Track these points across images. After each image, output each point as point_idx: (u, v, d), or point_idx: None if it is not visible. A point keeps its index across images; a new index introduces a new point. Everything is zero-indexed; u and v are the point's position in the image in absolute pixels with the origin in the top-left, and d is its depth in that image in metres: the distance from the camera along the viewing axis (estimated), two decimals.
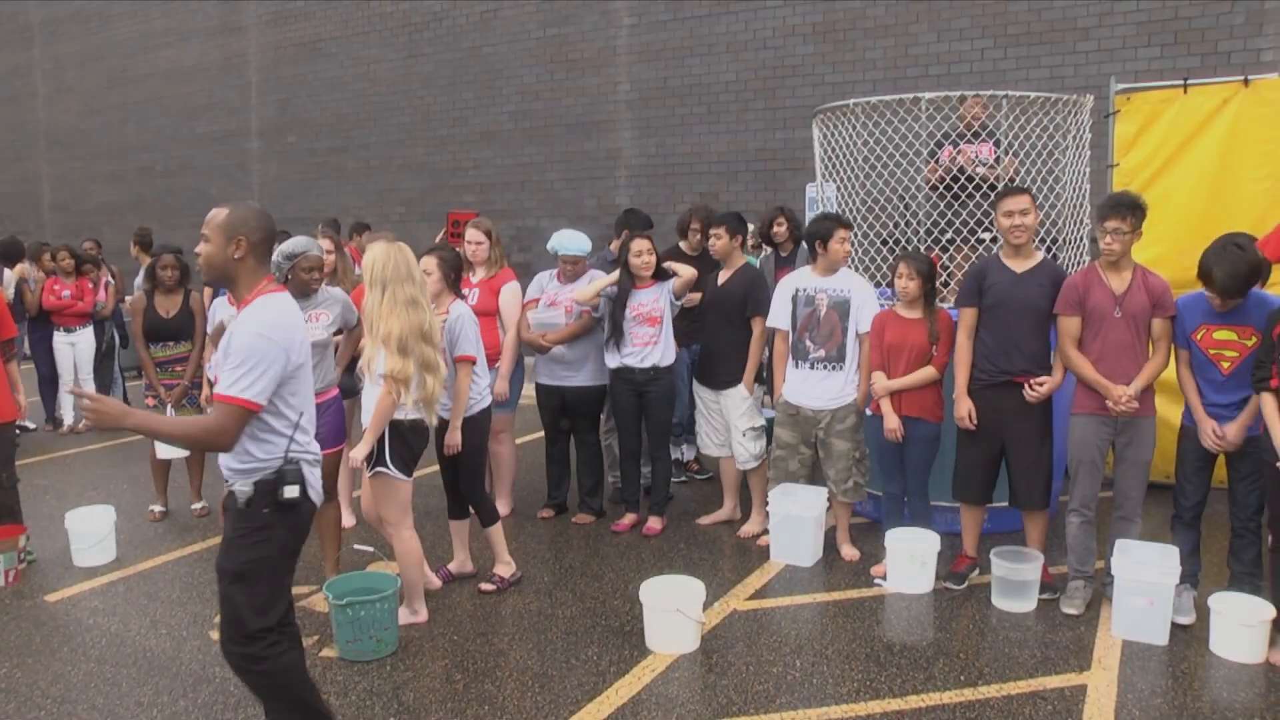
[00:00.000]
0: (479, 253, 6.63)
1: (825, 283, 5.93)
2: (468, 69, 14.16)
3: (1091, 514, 5.18)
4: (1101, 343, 5.01)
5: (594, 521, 6.75)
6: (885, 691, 4.34)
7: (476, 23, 13.99)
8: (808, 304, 5.94)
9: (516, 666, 4.63)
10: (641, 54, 12.75)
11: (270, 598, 3.43)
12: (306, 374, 3.47)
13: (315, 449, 3.55)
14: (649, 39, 12.66)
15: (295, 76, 16.08)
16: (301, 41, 15.93)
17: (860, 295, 5.87)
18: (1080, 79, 9.82)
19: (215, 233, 3.35)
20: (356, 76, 15.32)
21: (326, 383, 5.41)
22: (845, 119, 6.75)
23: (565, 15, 13.24)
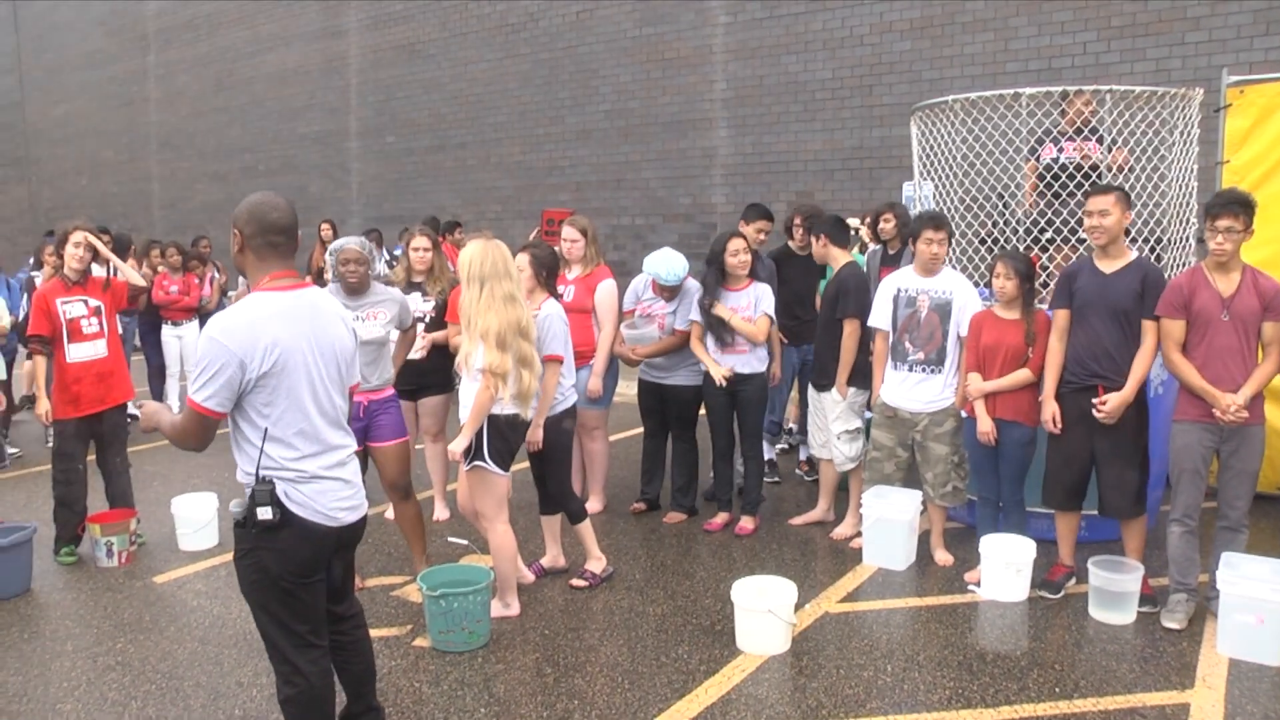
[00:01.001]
0: (574, 250, 6.69)
1: (928, 284, 5.84)
2: (563, 68, 14.27)
3: (1194, 524, 5.00)
4: (1207, 347, 4.86)
5: (686, 520, 6.75)
6: (977, 701, 4.28)
7: (572, 22, 14.10)
8: (909, 305, 5.86)
9: (606, 662, 4.67)
10: (737, 52, 12.71)
11: (290, 618, 3.33)
12: (295, 380, 3.24)
13: (313, 465, 3.30)
14: (744, 37, 12.62)
15: (394, 78, 16.40)
16: (400, 44, 16.24)
17: (963, 298, 5.77)
18: (1189, 71, 9.51)
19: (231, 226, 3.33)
20: (454, 77, 15.56)
21: (382, 380, 5.52)
22: (943, 116, 6.65)
23: (661, 14, 13.27)
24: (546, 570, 5.79)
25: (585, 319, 6.58)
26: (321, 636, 3.44)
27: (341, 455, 3.42)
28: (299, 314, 3.28)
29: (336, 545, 3.43)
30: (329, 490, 3.33)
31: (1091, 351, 5.18)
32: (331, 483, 3.34)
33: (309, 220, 17.33)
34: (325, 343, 3.34)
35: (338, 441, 3.40)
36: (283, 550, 3.25)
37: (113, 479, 6.42)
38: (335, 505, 3.35)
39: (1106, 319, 5.14)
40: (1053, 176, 6.34)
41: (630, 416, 7.11)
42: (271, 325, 3.18)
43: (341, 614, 3.67)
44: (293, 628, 3.34)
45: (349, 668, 3.75)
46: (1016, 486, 5.60)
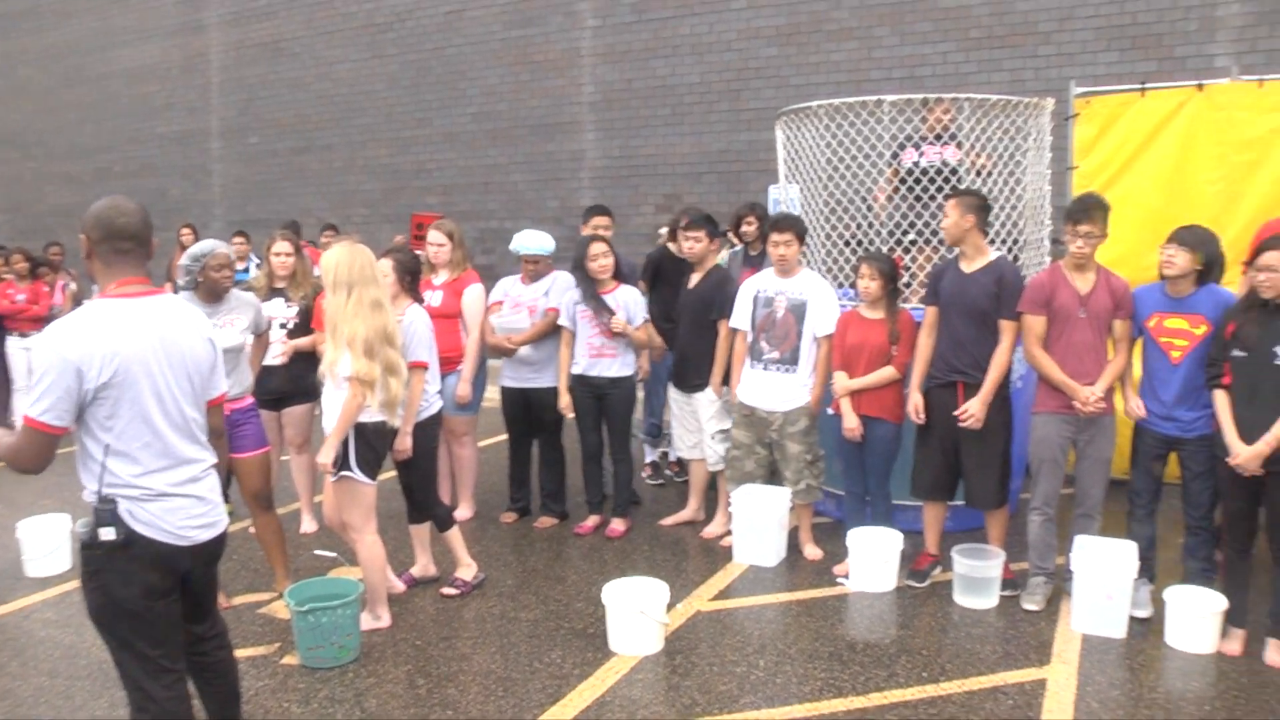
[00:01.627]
0: (441, 255, 6.58)
1: (785, 284, 5.95)
2: (431, 70, 14.11)
3: (1053, 511, 5.24)
4: (1066, 343, 5.07)
5: (557, 525, 6.72)
6: (848, 690, 4.36)
7: (440, 24, 13.95)
8: (766, 305, 5.96)
9: (480, 670, 4.61)
10: (605, 55, 12.75)
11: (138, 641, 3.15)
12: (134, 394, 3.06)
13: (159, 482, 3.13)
14: (613, 41, 12.67)
15: (257, 76, 15.96)
16: (263, 41, 15.81)
17: (818, 298, 5.88)
18: (1041, 82, 9.92)
19: None
20: (319, 77, 15.23)
21: (242, 389, 5.33)
22: (808, 121, 6.77)
23: (529, 17, 13.22)
24: (417, 580, 5.69)
25: (453, 324, 6.47)
26: (176, 661, 3.26)
27: (195, 470, 3.24)
28: (144, 322, 3.11)
29: (190, 565, 3.25)
30: (180, 508, 3.16)
31: (952, 348, 5.35)
32: (183, 500, 3.17)
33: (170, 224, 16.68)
34: (175, 352, 3.17)
35: (191, 455, 3.23)
36: (129, 572, 3.08)
37: None
38: (186, 524, 3.17)
39: (965, 317, 5.31)
40: (914, 180, 6.52)
41: (498, 422, 7.02)
42: (111, 334, 3.02)
43: (203, 634, 3.49)
44: (144, 652, 3.15)
45: (212, 690, 3.58)
46: (883, 481, 5.74)
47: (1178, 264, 4.86)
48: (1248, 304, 4.58)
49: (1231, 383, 4.57)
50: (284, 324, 6.27)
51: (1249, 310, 4.55)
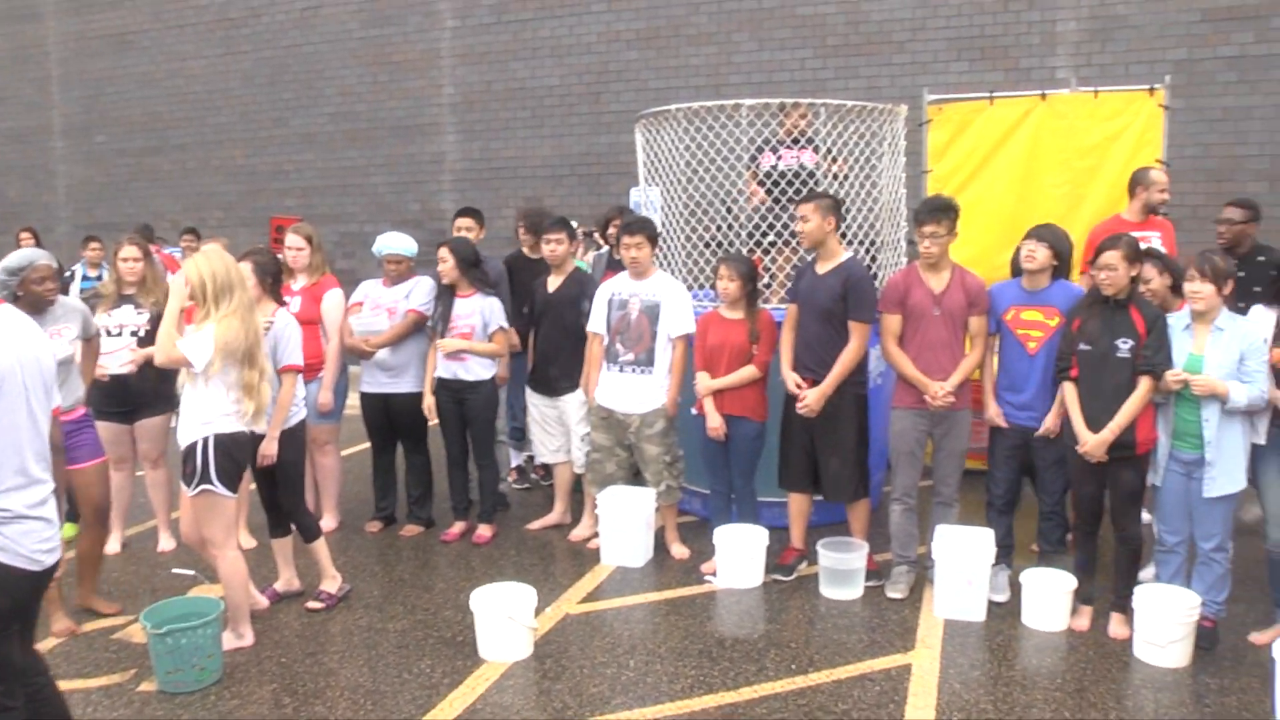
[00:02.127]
0: (299, 259, 6.41)
1: (638, 287, 5.97)
2: (287, 68, 13.74)
3: (913, 502, 5.39)
4: (920, 340, 5.22)
5: (423, 532, 6.59)
6: (719, 685, 4.39)
7: (296, 20, 13.59)
8: (620, 307, 5.98)
9: (348, 685, 4.49)
10: (465, 56, 12.63)
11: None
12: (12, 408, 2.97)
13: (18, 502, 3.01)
14: (472, 42, 12.56)
15: (102, 70, 15.24)
16: (108, 33, 15.11)
17: (671, 300, 5.91)
18: (896, 89, 10.22)
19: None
20: (170, 73, 14.64)
21: (75, 400, 5.11)
22: (668, 124, 6.82)
23: (387, 15, 13.00)
24: (281, 595, 5.51)
25: (313, 330, 6.29)
26: (15, 697, 3.09)
27: (44, 491, 3.09)
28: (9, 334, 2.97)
29: (35, 590, 3.09)
30: (33, 530, 3.02)
31: (805, 346, 5.46)
32: (35, 522, 3.02)
33: (8, 228, 15.80)
34: (33, 365, 3.03)
35: (40, 475, 3.07)
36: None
37: None
38: (38, 547, 3.03)
39: (814, 317, 5.43)
40: (772, 183, 6.62)
41: (361, 430, 6.86)
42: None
43: (29, 666, 3.28)
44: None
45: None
46: (748, 479, 5.81)
47: (1038, 258, 5.07)
48: (1090, 300, 4.82)
49: (1078, 375, 4.79)
50: (135, 331, 5.97)
51: (1092, 306, 4.79)
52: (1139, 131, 7.08)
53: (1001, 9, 10.25)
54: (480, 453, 6.45)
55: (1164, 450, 4.72)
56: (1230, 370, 4.48)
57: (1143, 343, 4.62)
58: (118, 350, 5.90)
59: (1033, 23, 10.12)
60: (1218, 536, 4.63)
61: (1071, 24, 10.01)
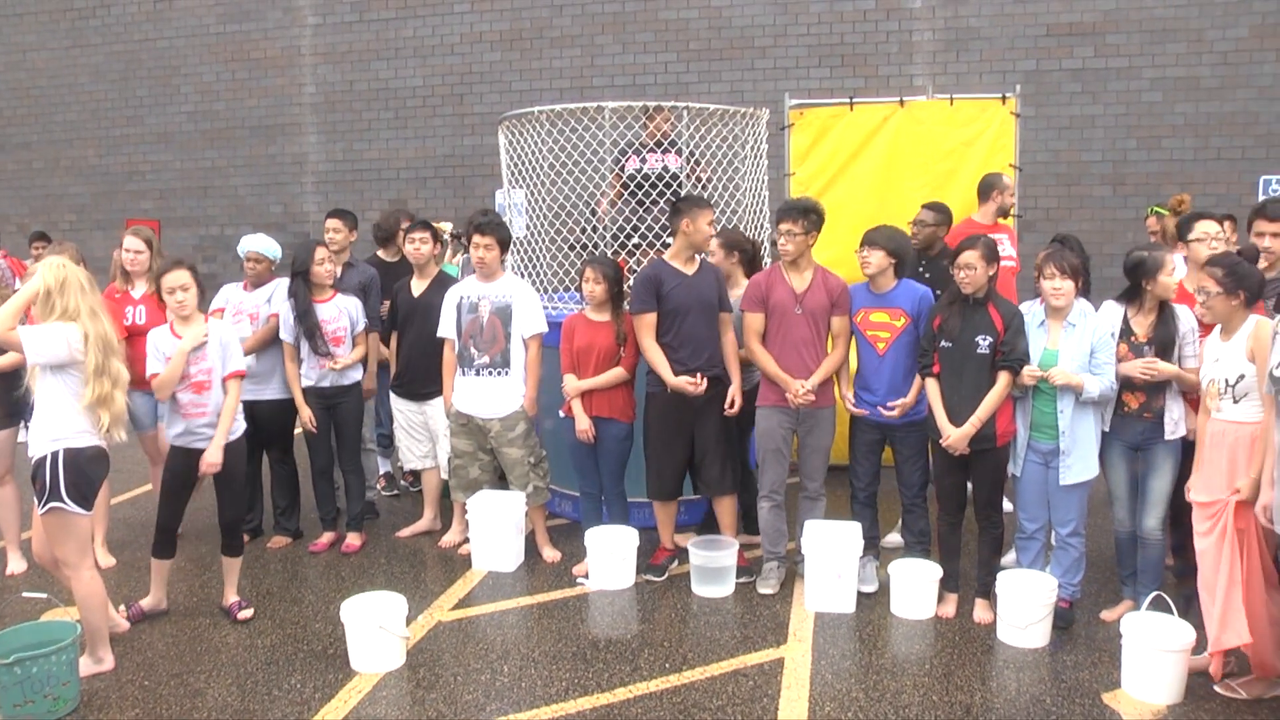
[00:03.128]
0: (138, 263, 6.12)
1: (487, 289, 5.92)
2: (141, 63, 13.21)
3: (781, 498, 5.47)
4: (783, 338, 5.30)
5: (291, 544, 6.41)
6: (593, 687, 4.38)
7: (149, 12, 13.10)
8: (471, 311, 5.92)
9: (215, 705, 4.32)
10: (327, 55, 12.39)
11: None
12: None
13: None
14: (334, 40, 12.32)
15: None
16: None
17: (522, 301, 5.89)
18: (759, 94, 10.43)
19: None
20: (11, 65, 13.90)
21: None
22: (531, 126, 6.79)
23: (245, 11, 12.65)
24: (146, 613, 5.28)
25: None
26: None
27: None
28: None
29: None
30: None
31: (691, 347, 5.43)
32: None
33: None
34: None
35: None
36: None
37: None
38: None
39: (703, 316, 5.45)
40: (636, 186, 6.66)
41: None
42: None
43: None
44: None
45: None
46: (617, 480, 5.81)
47: (874, 262, 5.21)
48: (950, 299, 4.97)
49: (940, 371, 4.95)
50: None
51: (952, 304, 4.95)
52: (993, 138, 7.39)
53: (861, 19, 10.56)
54: (347, 460, 6.31)
55: (1022, 441, 4.91)
56: (1082, 363, 4.69)
57: (1001, 339, 4.79)
58: None
59: (891, 32, 10.46)
60: (1074, 522, 4.85)
61: (928, 34, 10.38)
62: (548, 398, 6.12)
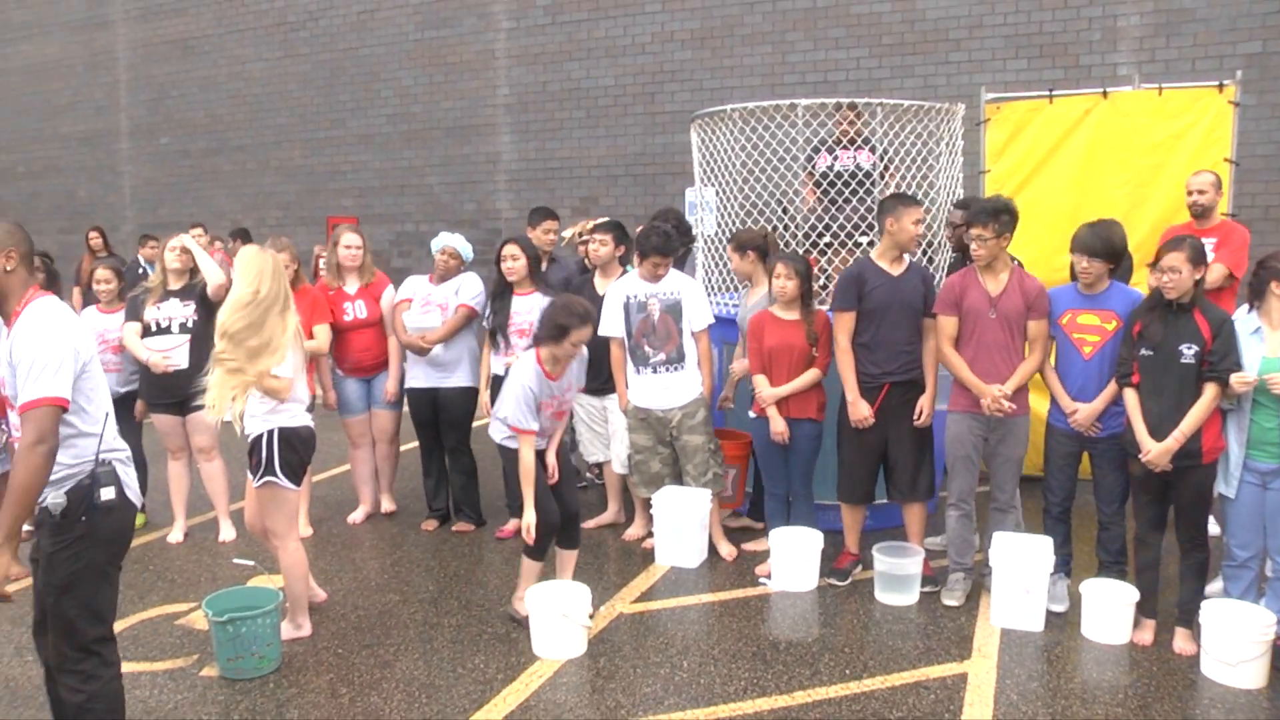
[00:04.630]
0: (355, 259, 6.54)
1: (654, 287, 5.96)
2: (345, 70, 13.90)
3: (969, 508, 5.32)
4: (977, 343, 5.13)
5: (476, 529, 6.65)
6: (772, 689, 4.38)
7: (354, 23, 13.75)
8: (640, 310, 5.97)
9: (403, 678, 4.54)
10: (520, 57, 12.69)
11: (102, 602, 3.37)
12: (98, 370, 3.38)
13: (124, 446, 3.47)
14: (527, 42, 12.62)
15: (167, 75, 15.56)
16: (173, 39, 15.42)
17: (690, 296, 5.95)
18: (952, 88, 10.13)
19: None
20: (231, 76, 14.89)
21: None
22: (723, 124, 6.80)
23: (443, 18, 13.11)
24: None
25: (376, 330, 6.58)
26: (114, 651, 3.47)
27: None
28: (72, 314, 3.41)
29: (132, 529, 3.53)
30: (131, 471, 3.47)
31: (886, 350, 5.35)
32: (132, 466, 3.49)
33: (77, 227, 16.19)
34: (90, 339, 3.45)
35: None
36: (113, 533, 3.35)
37: None
38: (137, 489, 3.48)
39: (902, 318, 5.34)
40: (829, 184, 6.59)
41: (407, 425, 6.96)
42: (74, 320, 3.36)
43: None
44: (106, 618, 3.39)
45: None
46: (806, 481, 5.75)
47: (1094, 272, 4.94)
48: (1152, 304, 4.70)
49: (1140, 381, 4.68)
50: (183, 324, 6.22)
51: (1154, 310, 4.67)
52: (1206, 130, 6.91)
53: (1061, 5, 10.07)
54: None
55: (1236, 460, 4.58)
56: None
57: (1208, 348, 4.50)
58: (173, 349, 6.07)
59: (1094, 18, 9.95)
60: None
61: (1135, 19, 9.82)
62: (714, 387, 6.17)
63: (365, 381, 6.66)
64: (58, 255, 7.56)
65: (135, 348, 6.18)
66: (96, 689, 3.32)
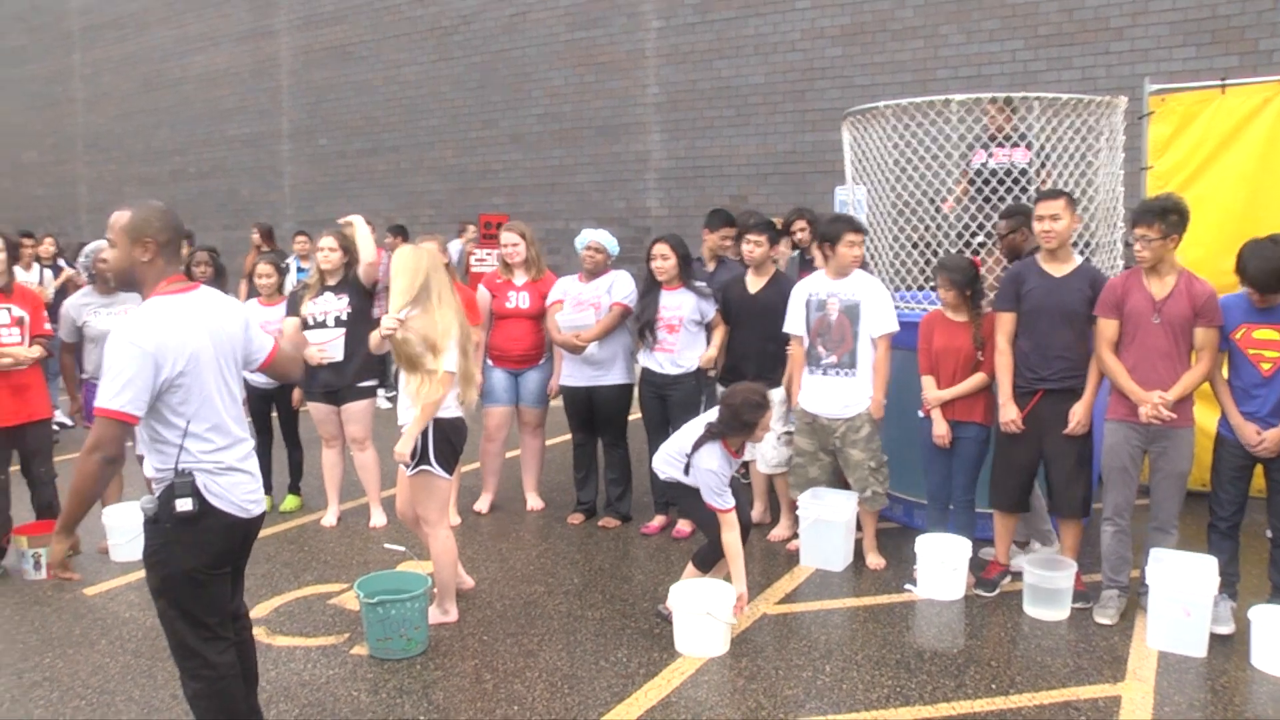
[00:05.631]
0: (516, 254, 6.68)
1: (837, 286, 5.83)
2: (496, 72, 14.20)
3: (1125, 523, 5.07)
4: (1138, 348, 4.89)
5: (622, 525, 6.73)
6: (915, 698, 4.30)
7: (505, 25, 14.04)
8: (819, 309, 5.86)
9: (546, 667, 4.63)
10: (670, 56, 12.75)
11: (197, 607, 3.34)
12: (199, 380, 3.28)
13: (228, 457, 3.36)
14: (677, 41, 12.66)
15: (325, 80, 16.19)
16: (332, 45, 16.04)
17: (872, 299, 5.75)
18: (1113, 80, 9.73)
19: (120, 236, 3.33)
20: (386, 80, 15.40)
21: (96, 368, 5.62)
22: (875, 121, 6.71)
23: (593, 18, 13.26)
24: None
25: (537, 324, 6.74)
26: (227, 629, 3.48)
27: (247, 448, 3.49)
28: (202, 313, 3.36)
29: (244, 537, 3.48)
30: (241, 482, 3.40)
31: (1042, 354, 5.17)
32: (242, 475, 3.41)
33: (240, 224, 17.05)
34: (224, 340, 3.42)
35: (240, 434, 3.46)
36: (199, 542, 3.29)
37: (38, 489, 6.19)
38: (245, 497, 3.41)
39: (1058, 322, 5.14)
40: (983, 181, 6.43)
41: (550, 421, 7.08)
42: (181, 327, 3.26)
43: (236, 611, 3.66)
44: (202, 620, 3.36)
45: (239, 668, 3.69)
46: (969, 486, 5.59)
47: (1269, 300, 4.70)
48: None
49: None
50: (338, 317, 6.44)
51: None
52: None
53: None
54: None
55: None
56: None
57: None
58: (328, 342, 6.33)
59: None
60: None
61: None
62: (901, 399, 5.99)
63: (513, 375, 6.79)
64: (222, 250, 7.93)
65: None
66: (200, 688, 3.38)
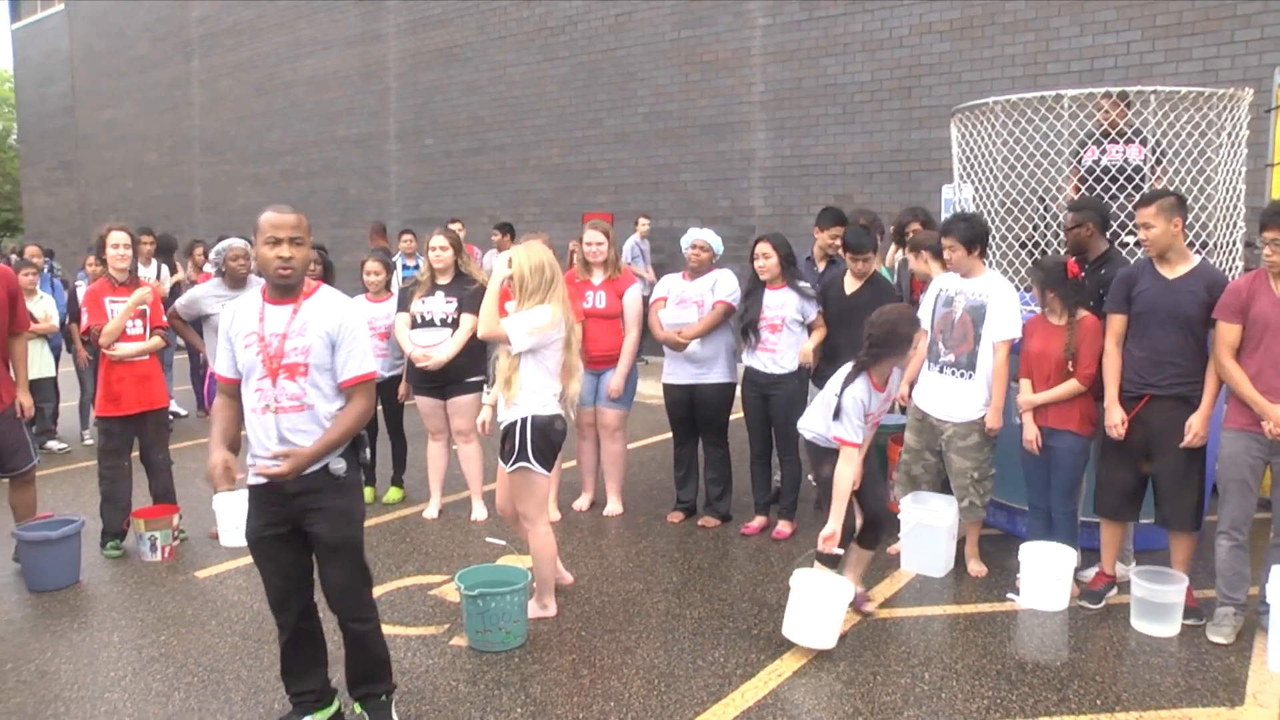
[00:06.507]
0: (598, 254, 6.70)
1: (965, 285, 5.69)
2: (602, 71, 14.30)
3: (1244, 537, 4.82)
4: (1263, 355, 4.66)
5: (721, 525, 6.72)
6: (1016, 711, 4.20)
7: (611, 25, 14.12)
8: (946, 305, 5.74)
9: (643, 665, 4.65)
10: (775, 54, 12.68)
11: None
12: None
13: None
14: (783, 39, 12.59)
15: (432, 81, 16.51)
16: (439, 47, 16.34)
17: (999, 301, 5.56)
18: (1237, 71, 9.37)
19: (308, 235, 3.86)
20: (492, 80, 15.63)
21: None
22: (984, 118, 6.57)
23: (699, 17, 13.26)
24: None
25: (614, 324, 6.68)
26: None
27: None
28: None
29: None
30: None
31: (1151, 360, 4.99)
32: None
33: (348, 222, 17.49)
34: None
35: None
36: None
37: (156, 475, 6.50)
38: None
39: (1168, 326, 4.94)
40: (1095, 180, 6.25)
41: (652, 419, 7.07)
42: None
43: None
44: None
45: None
46: (1067, 496, 5.42)
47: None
48: None
49: None
50: (444, 319, 6.55)
51: None
52: None
53: None
54: (784, 448, 6.48)
55: None
56: None
57: None
58: (435, 344, 6.48)
59: None
60: None
61: None
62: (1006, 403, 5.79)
63: (595, 375, 6.73)
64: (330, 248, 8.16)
65: (402, 338, 6.67)
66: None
